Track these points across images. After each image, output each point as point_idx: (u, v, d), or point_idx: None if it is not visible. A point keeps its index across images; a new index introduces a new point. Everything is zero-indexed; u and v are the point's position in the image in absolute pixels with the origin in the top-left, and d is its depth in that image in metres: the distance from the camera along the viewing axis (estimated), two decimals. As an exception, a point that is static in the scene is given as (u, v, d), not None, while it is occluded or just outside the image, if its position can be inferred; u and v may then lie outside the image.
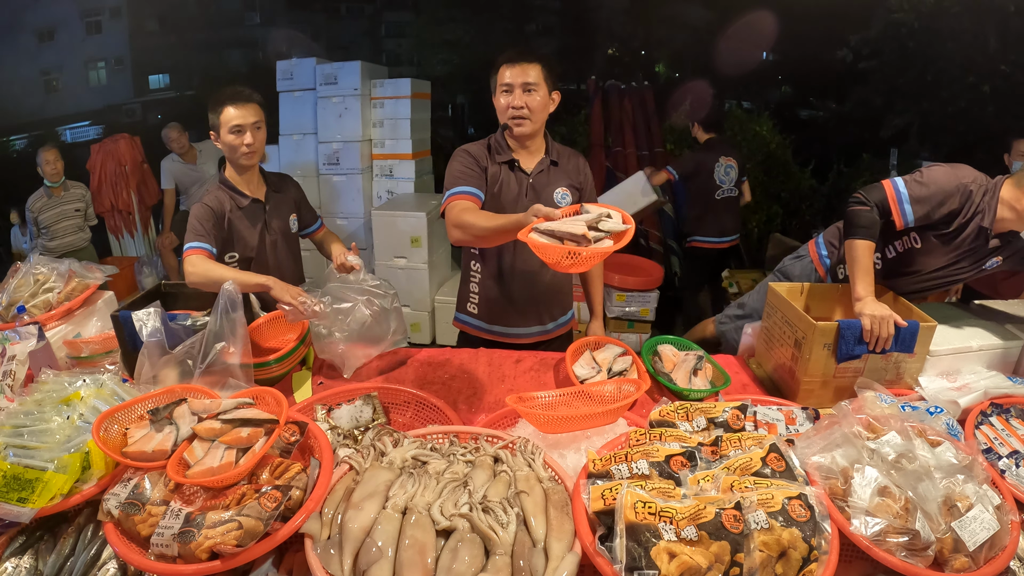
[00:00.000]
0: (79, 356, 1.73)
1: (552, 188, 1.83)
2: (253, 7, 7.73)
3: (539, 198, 1.81)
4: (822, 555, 0.91)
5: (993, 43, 4.47)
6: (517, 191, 1.82)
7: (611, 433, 1.31)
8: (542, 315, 1.99)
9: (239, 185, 1.97)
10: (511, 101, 1.73)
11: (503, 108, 1.75)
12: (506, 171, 1.82)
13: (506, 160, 1.81)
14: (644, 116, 5.08)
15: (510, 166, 1.82)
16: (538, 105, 1.74)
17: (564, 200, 1.84)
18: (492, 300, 1.95)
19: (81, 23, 7.85)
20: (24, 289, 1.91)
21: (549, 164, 1.85)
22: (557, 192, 1.84)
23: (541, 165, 1.83)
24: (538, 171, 1.83)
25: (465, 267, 2.00)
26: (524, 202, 1.80)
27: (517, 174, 1.82)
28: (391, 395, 1.56)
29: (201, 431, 1.17)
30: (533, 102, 1.73)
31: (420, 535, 0.97)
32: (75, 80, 7.94)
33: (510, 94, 1.73)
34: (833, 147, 5.81)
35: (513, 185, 1.81)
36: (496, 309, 1.96)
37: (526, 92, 1.72)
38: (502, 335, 1.98)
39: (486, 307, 1.97)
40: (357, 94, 4.61)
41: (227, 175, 1.98)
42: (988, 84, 4.67)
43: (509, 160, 1.81)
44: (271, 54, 5.34)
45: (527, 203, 1.80)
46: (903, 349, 1.50)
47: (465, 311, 2.03)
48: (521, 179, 1.82)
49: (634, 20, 6.30)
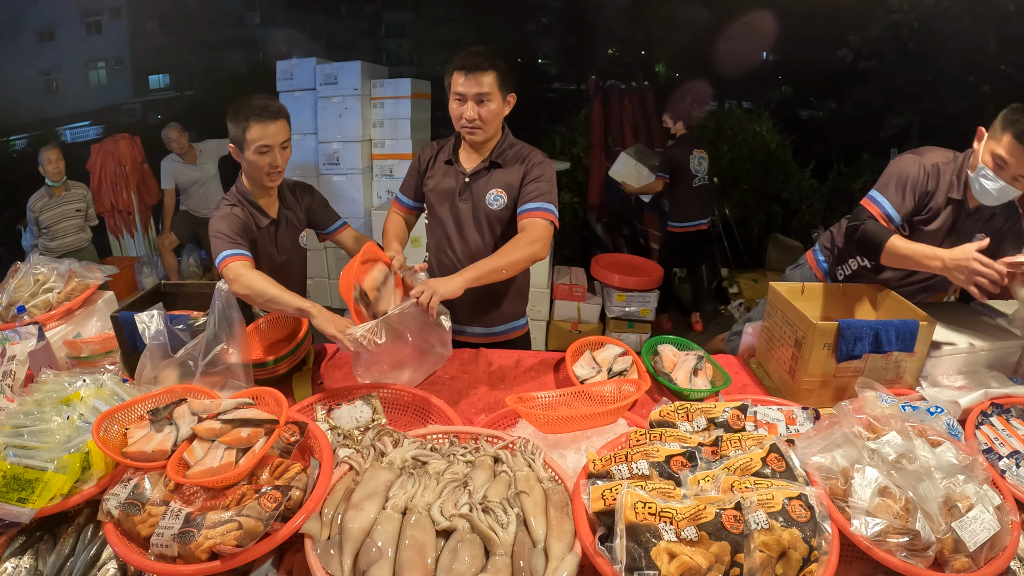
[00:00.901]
0: (79, 356, 1.73)
1: (486, 189, 1.82)
2: (253, 7, 7.72)
3: (471, 197, 1.83)
4: (822, 555, 0.91)
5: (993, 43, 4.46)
6: (454, 190, 1.85)
7: (611, 433, 1.31)
8: (490, 318, 1.94)
9: (260, 202, 1.85)
10: (463, 112, 1.71)
11: (455, 116, 1.74)
12: (445, 169, 1.86)
13: (447, 158, 1.86)
14: (644, 116, 5.08)
15: (449, 164, 1.86)
16: (491, 115, 1.72)
17: (497, 202, 1.81)
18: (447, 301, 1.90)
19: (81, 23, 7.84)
20: (24, 289, 1.91)
21: (489, 165, 1.83)
22: (490, 194, 1.82)
23: (480, 166, 1.83)
24: (474, 171, 1.83)
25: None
26: (457, 200, 1.84)
27: (457, 175, 1.85)
28: (391, 395, 1.56)
29: (201, 431, 1.17)
30: (486, 112, 1.71)
31: (420, 535, 0.97)
32: (75, 80, 7.93)
33: (463, 104, 1.71)
34: (833, 147, 5.81)
35: (451, 184, 1.85)
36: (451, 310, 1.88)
37: (479, 103, 1.70)
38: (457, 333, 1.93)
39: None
40: (357, 94, 4.61)
41: (248, 189, 1.83)
42: (988, 84, 4.66)
43: (448, 159, 1.86)
44: (271, 54, 5.33)
45: (459, 203, 1.84)
46: (903, 348, 1.50)
47: None
48: (458, 179, 1.85)
49: (634, 20, 6.29)
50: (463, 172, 1.83)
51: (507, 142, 1.83)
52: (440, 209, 1.88)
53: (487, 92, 1.69)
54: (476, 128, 1.74)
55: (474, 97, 1.69)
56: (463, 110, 1.71)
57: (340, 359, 1.87)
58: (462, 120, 1.73)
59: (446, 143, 1.90)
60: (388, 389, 1.56)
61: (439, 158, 1.88)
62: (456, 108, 1.73)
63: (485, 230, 1.83)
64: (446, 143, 1.90)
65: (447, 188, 1.85)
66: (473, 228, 1.84)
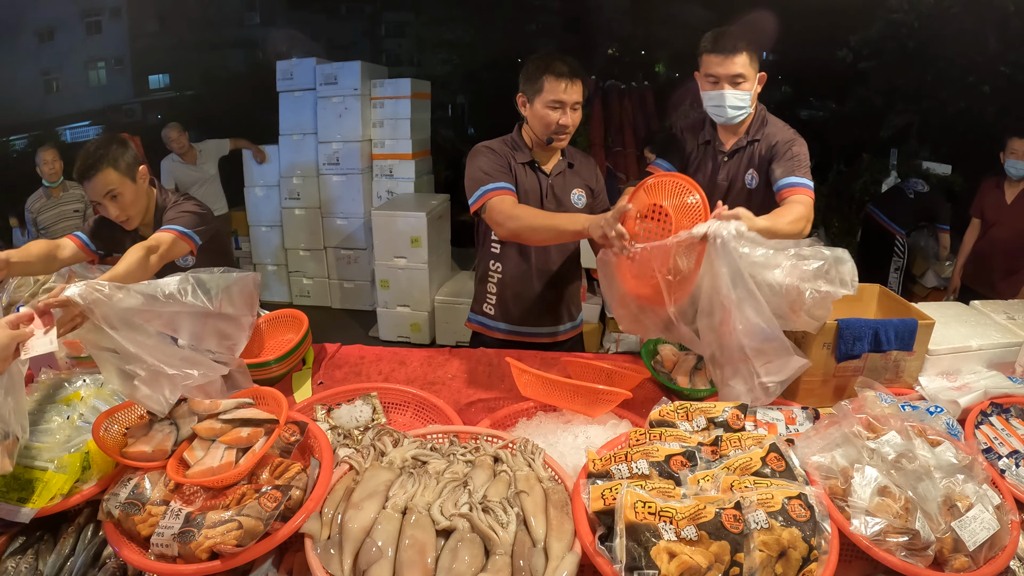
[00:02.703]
0: (79, 356, 1.73)
1: (569, 189, 1.89)
2: (253, 7, 7.72)
3: (557, 199, 1.86)
4: (822, 555, 0.91)
5: (993, 43, 4.47)
6: (538, 191, 1.85)
7: (611, 433, 1.31)
8: (560, 315, 2.00)
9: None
10: (561, 119, 1.75)
11: (549, 122, 1.75)
12: (526, 171, 1.85)
13: (526, 160, 1.84)
14: (644, 116, 5.09)
15: (530, 166, 1.85)
16: (578, 120, 1.78)
17: (580, 201, 1.89)
18: (510, 300, 1.96)
19: (81, 23, 7.84)
20: (24, 289, 1.91)
21: (567, 166, 1.89)
22: (574, 193, 1.89)
23: (559, 167, 1.88)
24: (557, 172, 1.87)
25: (483, 267, 1.99)
26: (545, 203, 1.84)
27: (537, 174, 1.85)
28: (391, 395, 1.56)
29: (201, 431, 1.17)
30: (577, 118, 1.78)
31: (420, 535, 0.97)
32: (75, 80, 7.93)
33: (560, 111, 1.74)
34: (833, 147, 5.81)
35: (534, 185, 1.85)
36: (514, 309, 1.96)
37: (574, 110, 1.76)
38: (519, 335, 1.99)
39: (503, 307, 1.97)
40: (357, 94, 4.62)
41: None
42: (988, 84, 4.67)
43: (529, 160, 1.84)
44: (271, 54, 5.34)
45: (547, 204, 1.85)
46: (902, 347, 1.50)
47: (481, 312, 2.03)
48: (541, 179, 1.86)
49: (634, 20, 6.29)
50: (544, 173, 1.85)
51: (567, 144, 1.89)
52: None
53: (580, 100, 1.76)
54: (567, 135, 1.79)
55: (572, 105, 1.74)
56: (560, 116, 1.74)
57: (340, 359, 1.87)
58: (556, 126, 1.75)
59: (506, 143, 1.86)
60: (388, 389, 1.56)
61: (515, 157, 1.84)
62: (552, 114, 1.74)
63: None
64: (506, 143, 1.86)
65: (532, 187, 1.85)
66: None
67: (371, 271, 4.70)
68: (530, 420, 1.43)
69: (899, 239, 4.18)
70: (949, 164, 5.11)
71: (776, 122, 1.81)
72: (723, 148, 1.83)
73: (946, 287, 4.00)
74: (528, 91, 1.78)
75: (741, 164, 1.81)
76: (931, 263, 4.55)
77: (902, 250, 4.19)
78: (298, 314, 1.84)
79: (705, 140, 1.86)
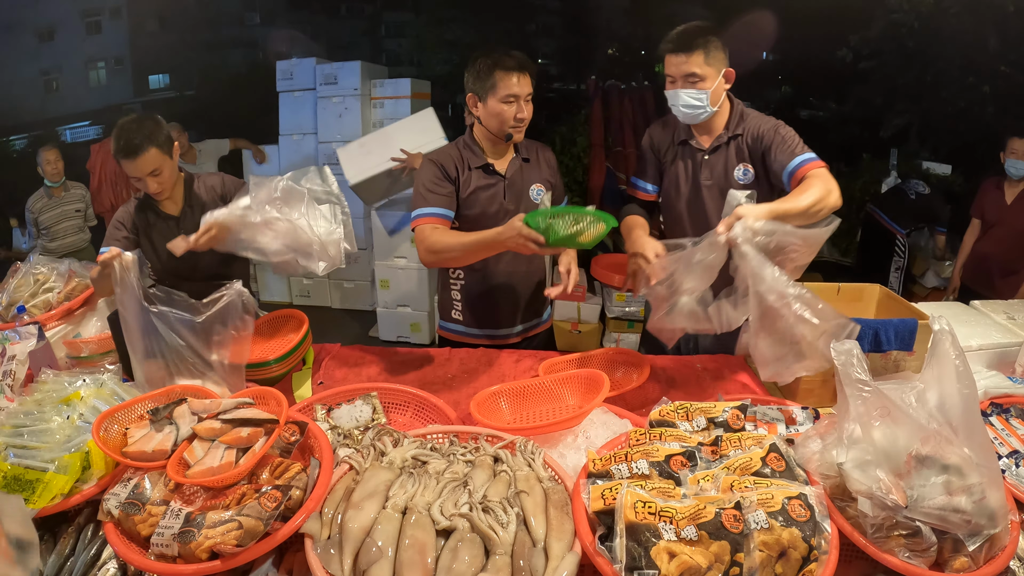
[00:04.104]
0: (79, 356, 1.73)
1: (527, 186, 1.86)
2: (253, 7, 7.73)
3: (516, 197, 1.84)
4: (822, 555, 0.91)
5: (993, 43, 4.47)
6: (495, 194, 1.82)
7: (611, 433, 1.31)
8: (527, 313, 2.00)
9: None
10: (517, 112, 1.73)
11: (506, 118, 1.73)
12: (480, 175, 1.82)
13: (480, 164, 1.81)
14: (644, 116, 5.07)
15: (485, 170, 1.82)
16: (531, 113, 1.76)
17: (539, 197, 1.85)
18: (476, 304, 1.95)
19: (81, 23, 7.85)
20: (24, 289, 1.91)
21: (522, 162, 1.86)
22: (532, 189, 1.86)
23: (514, 165, 1.85)
24: (512, 171, 1.84)
25: (444, 275, 1.99)
26: (503, 203, 1.82)
27: (492, 177, 1.83)
28: (391, 395, 1.56)
29: (201, 431, 1.17)
30: (530, 111, 1.75)
31: (420, 535, 0.97)
32: (75, 80, 7.94)
33: (514, 104, 1.72)
34: (833, 147, 5.81)
35: (490, 189, 1.82)
36: (481, 313, 1.96)
37: (527, 103, 1.74)
38: (489, 337, 1.98)
39: (471, 312, 1.97)
40: (357, 94, 4.61)
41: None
42: (988, 84, 4.67)
43: (483, 164, 1.82)
44: (271, 54, 5.34)
45: (506, 204, 1.82)
46: (902, 347, 1.50)
47: (450, 319, 2.02)
48: (497, 181, 1.83)
49: (634, 20, 6.30)
50: (500, 174, 1.83)
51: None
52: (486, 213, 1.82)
53: (531, 92, 1.73)
54: (524, 127, 1.77)
55: (525, 97, 1.73)
56: (515, 110, 1.72)
57: (340, 359, 1.87)
58: (513, 120, 1.74)
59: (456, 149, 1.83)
60: (388, 389, 1.56)
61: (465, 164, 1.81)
62: (506, 109, 1.72)
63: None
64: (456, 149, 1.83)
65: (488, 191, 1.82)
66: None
67: (371, 271, 4.70)
68: (530, 420, 1.43)
69: (900, 239, 4.18)
70: (949, 164, 5.11)
71: (754, 114, 1.80)
72: (702, 146, 1.82)
73: (946, 287, 4.00)
74: (479, 90, 1.75)
75: (728, 160, 1.79)
76: (931, 263, 4.55)
77: (903, 250, 4.19)
78: (298, 314, 1.84)
79: (681, 140, 1.85)
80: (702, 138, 1.83)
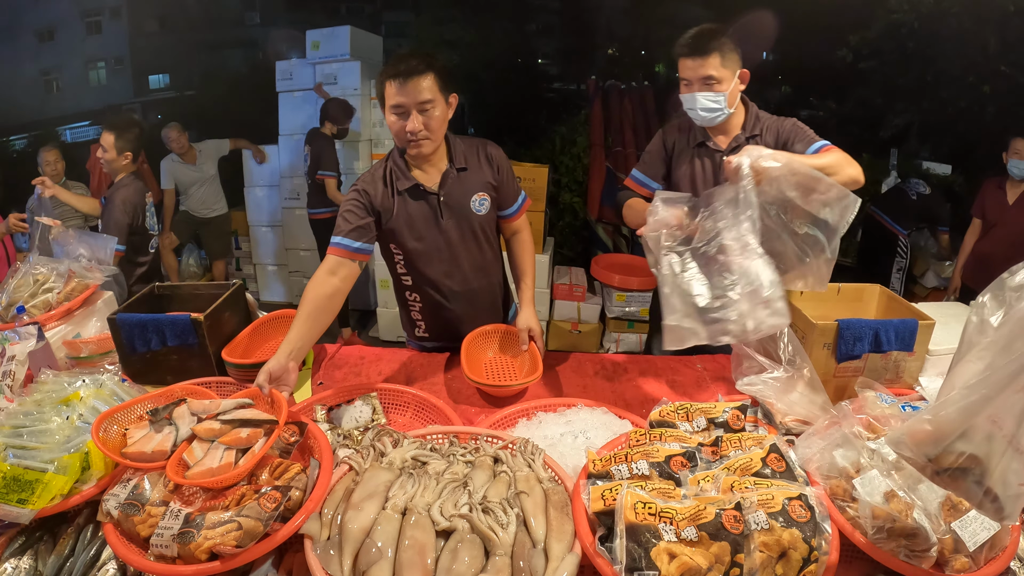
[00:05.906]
0: (79, 356, 1.73)
1: (467, 198, 1.69)
2: (253, 7, 7.73)
3: (456, 213, 1.69)
4: (822, 556, 0.91)
5: (993, 43, 4.47)
6: (429, 216, 1.67)
7: (611, 433, 1.31)
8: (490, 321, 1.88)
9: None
10: (407, 126, 1.53)
11: (398, 131, 1.56)
12: (407, 200, 1.65)
13: (407, 187, 1.64)
14: (644, 116, 5.08)
15: (413, 192, 1.65)
16: (437, 122, 1.55)
17: (483, 207, 1.71)
18: (438, 322, 1.87)
19: (81, 23, 7.85)
20: (24, 289, 1.91)
21: (456, 173, 1.67)
22: (474, 201, 1.70)
23: (447, 178, 1.66)
24: (446, 186, 1.66)
25: (400, 298, 1.88)
26: (440, 225, 1.68)
27: (426, 197, 1.66)
28: (391, 395, 1.56)
29: (201, 432, 1.17)
30: (432, 121, 1.54)
31: (420, 536, 0.97)
32: (75, 80, 7.95)
33: (404, 117, 1.53)
34: (833, 147, 5.82)
35: (423, 210, 1.67)
36: (444, 329, 1.87)
37: (422, 112, 1.52)
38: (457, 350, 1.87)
39: (435, 329, 1.90)
40: (357, 94, 4.61)
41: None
42: (988, 84, 4.67)
43: (410, 187, 1.65)
44: (271, 54, 5.34)
45: (445, 222, 1.69)
46: (902, 348, 1.49)
47: (415, 338, 1.95)
48: (430, 201, 1.66)
49: (634, 20, 6.30)
50: (432, 192, 1.65)
51: (456, 142, 1.70)
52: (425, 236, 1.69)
53: (429, 99, 1.51)
54: (424, 139, 1.56)
55: (416, 107, 1.51)
56: (406, 123, 1.53)
57: (340, 359, 1.86)
58: (406, 134, 1.54)
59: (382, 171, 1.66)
60: (388, 389, 1.56)
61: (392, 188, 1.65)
62: (397, 122, 1.54)
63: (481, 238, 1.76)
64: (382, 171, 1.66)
65: (422, 212, 1.66)
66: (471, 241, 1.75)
67: (371, 271, 4.70)
68: (530, 420, 1.43)
69: (902, 239, 4.18)
70: (949, 164, 5.11)
71: (766, 115, 1.83)
72: (719, 148, 1.82)
73: (946, 287, 4.00)
74: (382, 104, 1.58)
75: None
76: (931, 263, 4.55)
77: (904, 250, 4.19)
78: (298, 314, 1.84)
79: (698, 142, 1.84)
80: (718, 139, 1.82)
